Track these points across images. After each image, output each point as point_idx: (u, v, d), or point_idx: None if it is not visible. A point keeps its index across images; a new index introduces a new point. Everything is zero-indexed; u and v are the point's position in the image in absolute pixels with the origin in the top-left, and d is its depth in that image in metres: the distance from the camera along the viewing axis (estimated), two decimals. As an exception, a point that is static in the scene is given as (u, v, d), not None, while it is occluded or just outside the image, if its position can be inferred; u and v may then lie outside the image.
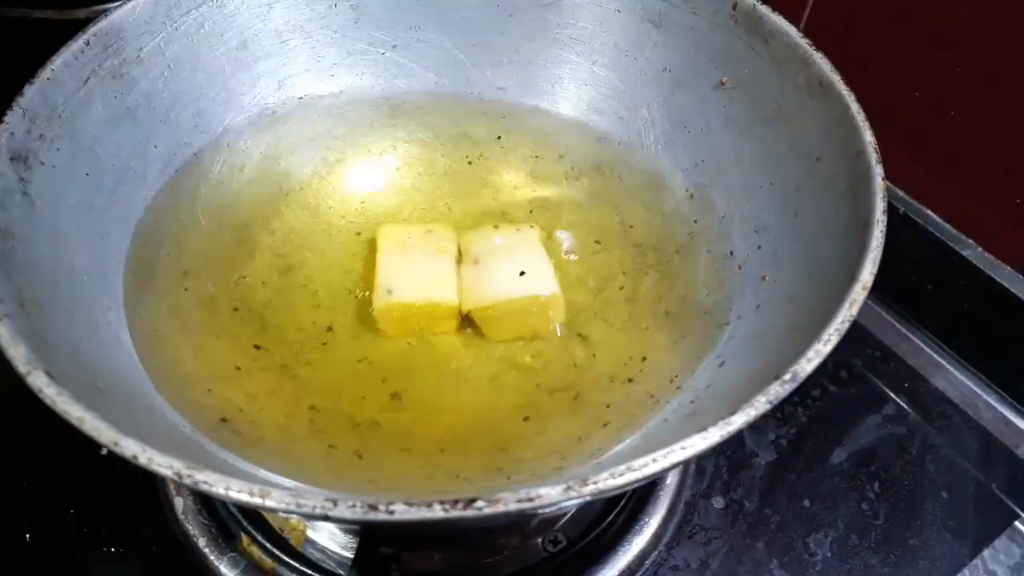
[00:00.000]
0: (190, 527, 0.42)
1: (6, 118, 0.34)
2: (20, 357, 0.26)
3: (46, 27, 0.71)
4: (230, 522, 0.42)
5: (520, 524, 0.44)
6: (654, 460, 0.25)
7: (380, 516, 0.23)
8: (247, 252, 0.42)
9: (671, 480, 0.46)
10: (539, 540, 0.43)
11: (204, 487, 0.24)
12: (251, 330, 0.38)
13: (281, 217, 0.43)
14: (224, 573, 0.40)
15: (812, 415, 0.49)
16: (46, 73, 0.36)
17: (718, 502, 0.46)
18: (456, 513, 0.23)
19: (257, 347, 0.38)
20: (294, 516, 0.37)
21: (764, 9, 0.40)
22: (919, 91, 0.56)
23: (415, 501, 0.24)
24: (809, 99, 0.38)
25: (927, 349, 0.54)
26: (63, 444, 0.45)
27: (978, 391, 0.51)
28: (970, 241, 0.54)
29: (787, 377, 0.27)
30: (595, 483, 0.24)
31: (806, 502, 0.46)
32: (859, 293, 0.29)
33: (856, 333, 0.53)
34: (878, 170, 0.33)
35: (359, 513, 0.23)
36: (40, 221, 0.34)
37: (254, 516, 0.42)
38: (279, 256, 0.42)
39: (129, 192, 0.39)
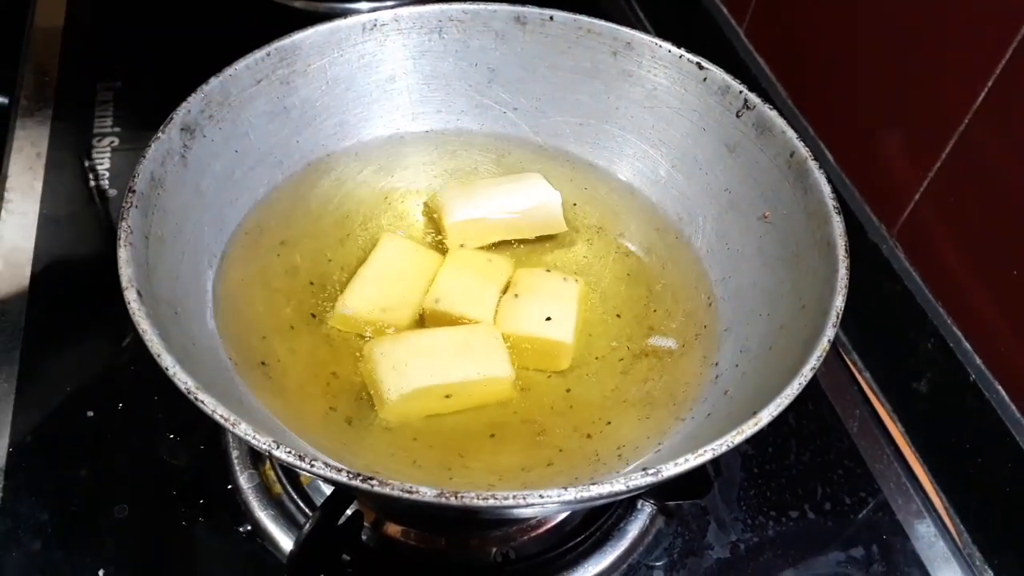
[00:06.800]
0: (231, 437, 0.52)
1: (189, 98, 0.45)
2: (125, 276, 0.37)
3: (287, 12, 0.86)
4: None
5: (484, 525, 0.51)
6: (480, 497, 0.31)
7: (280, 455, 0.32)
8: (339, 240, 0.51)
9: (628, 538, 0.51)
10: (494, 549, 0.50)
11: (199, 405, 0.33)
12: (316, 302, 0.48)
13: (376, 220, 0.53)
14: (241, 483, 0.51)
15: (781, 531, 0.53)
16: (230, 71, 0.47)
17: (658, 575, 0.51)
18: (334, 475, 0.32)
19: (313, 316, 0.48)
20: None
21: (813, 164, 0.45)
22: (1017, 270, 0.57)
23: (307, 453, 0.32)
24: (818, 254, 0.43)
25: (926, 514, 0.55)
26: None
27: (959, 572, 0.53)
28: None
29: (633, 479, 0.33)
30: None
31: (739, 605, 0.50)
32: (735, 437, 0.34)
33: (859, 472, 0.56)
34: (829, 332, 0.38)
35: (262, 444, 0.32)
36: (187, 178, 0.45)
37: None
38: (363, 250, 0.51)
39: (265, 171, 0.50)
